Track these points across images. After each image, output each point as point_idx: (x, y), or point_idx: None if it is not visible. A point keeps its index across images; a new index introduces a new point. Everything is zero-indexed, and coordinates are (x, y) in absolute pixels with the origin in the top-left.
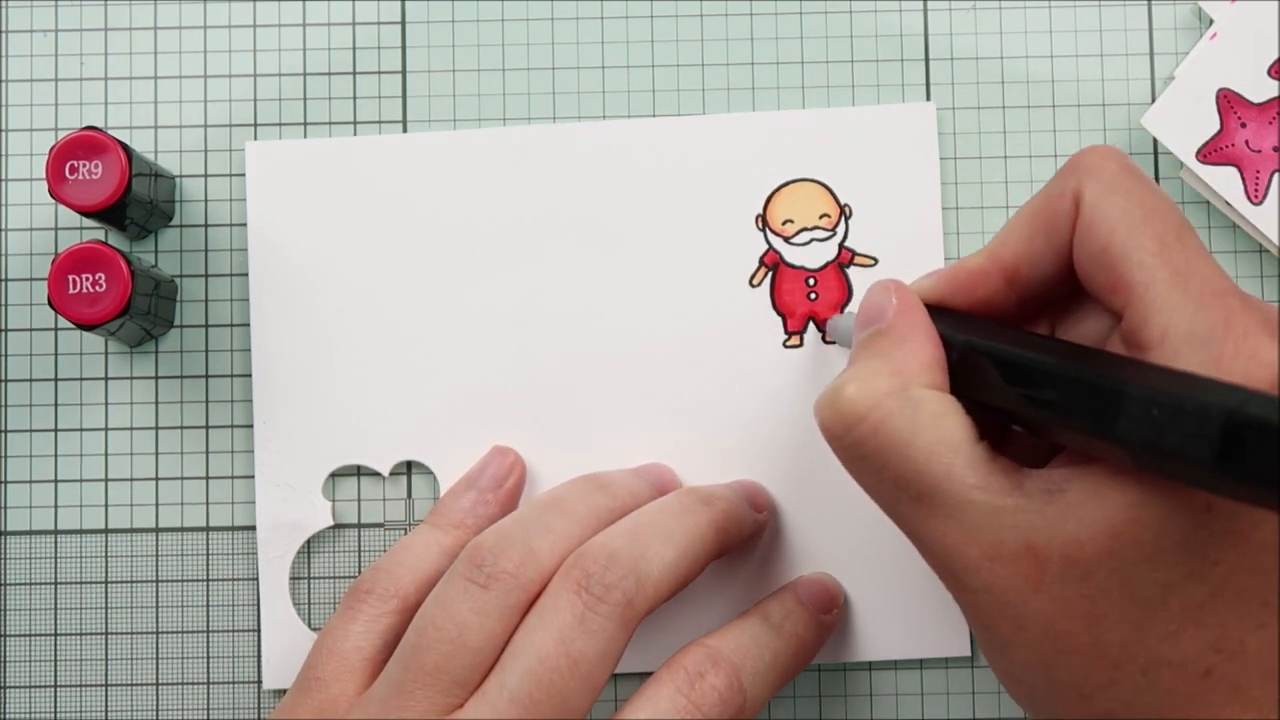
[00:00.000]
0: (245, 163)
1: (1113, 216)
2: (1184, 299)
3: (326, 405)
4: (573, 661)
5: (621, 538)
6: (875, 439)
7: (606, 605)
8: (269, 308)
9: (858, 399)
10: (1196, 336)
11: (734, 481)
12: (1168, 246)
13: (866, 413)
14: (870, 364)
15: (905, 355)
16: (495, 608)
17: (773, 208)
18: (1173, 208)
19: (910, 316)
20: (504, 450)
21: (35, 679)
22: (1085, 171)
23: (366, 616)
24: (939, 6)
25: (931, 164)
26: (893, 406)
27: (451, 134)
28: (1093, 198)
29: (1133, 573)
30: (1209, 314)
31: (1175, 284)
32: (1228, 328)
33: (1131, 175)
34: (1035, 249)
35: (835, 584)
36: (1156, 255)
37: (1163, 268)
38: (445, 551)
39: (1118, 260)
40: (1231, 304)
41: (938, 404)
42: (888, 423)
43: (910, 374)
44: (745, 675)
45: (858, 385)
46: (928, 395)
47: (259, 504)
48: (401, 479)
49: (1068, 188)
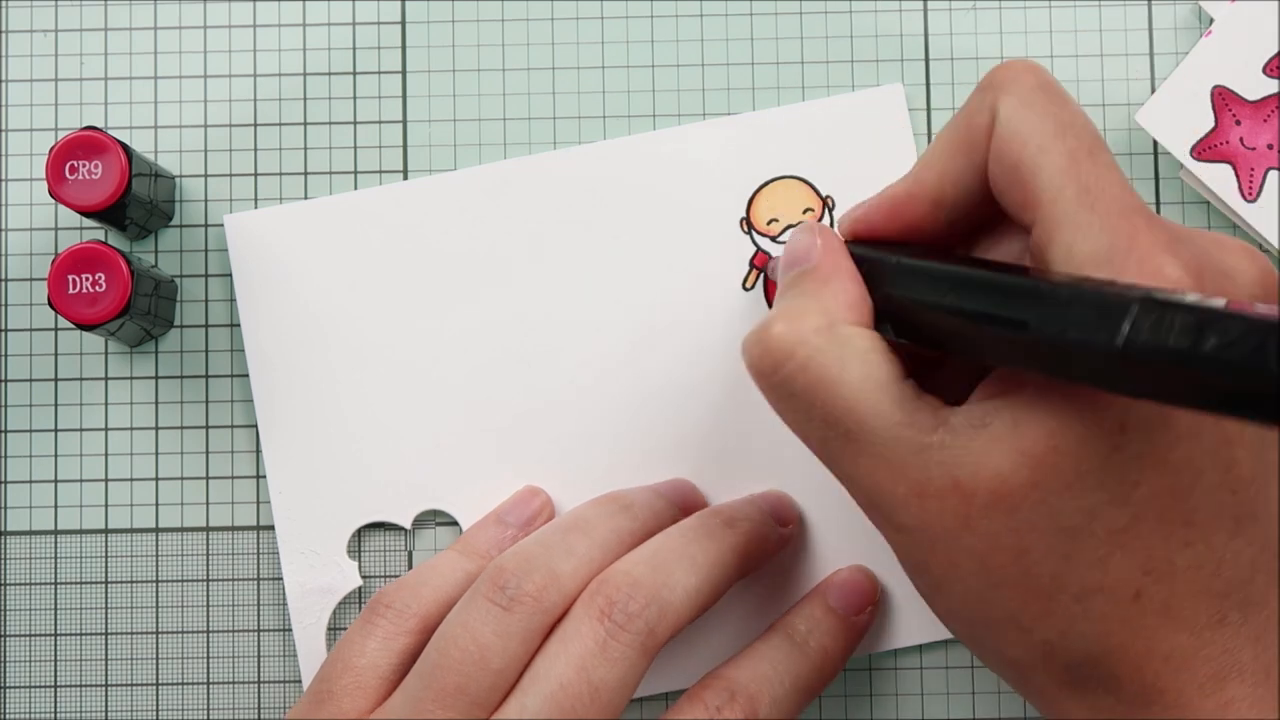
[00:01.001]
0: (225, 236)
1: (1024, 132)
2: (1090, 217)
3: (340, 464)
4: (593, 689)
5: (644, 564)
6: (804, 376)
7: (628, 634)
8: (269, 377)
9: (786, 336)
10: (1099, 254)
11: (759, 495)
12: (1078, 163)
13: (794, 349)
14: (797, 303)
15: (831, 294)
16: (517, 630)
17: (756, 209)
18: (1088, 124)
19: (834, 257)
20: (535, 490)
21: (35, 679)
22: (1000, 86)
23: (384, 633)
24: (939, 6)
25: (907, 145)
26: (820, 344)
27: (429, 179)
28: (1006, 113)
29: (1056, 502)
30: (1114, 232)
31: (1082, 201)
32: (1131, 246)
33: (1046, 90)
34: (957, 168)
35: (870, 580)
36: (1065, 172)
37: (1070, 184)
38: (470, 577)
39: (1028, 176)
40: (1137, 223)
41: (865, 341)
42: (815, 359)
43: (837, 312)
44: (763, 707)
45: (786, 323)
46: (855, 333)
47: (285, 573)
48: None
49: (984, 103)
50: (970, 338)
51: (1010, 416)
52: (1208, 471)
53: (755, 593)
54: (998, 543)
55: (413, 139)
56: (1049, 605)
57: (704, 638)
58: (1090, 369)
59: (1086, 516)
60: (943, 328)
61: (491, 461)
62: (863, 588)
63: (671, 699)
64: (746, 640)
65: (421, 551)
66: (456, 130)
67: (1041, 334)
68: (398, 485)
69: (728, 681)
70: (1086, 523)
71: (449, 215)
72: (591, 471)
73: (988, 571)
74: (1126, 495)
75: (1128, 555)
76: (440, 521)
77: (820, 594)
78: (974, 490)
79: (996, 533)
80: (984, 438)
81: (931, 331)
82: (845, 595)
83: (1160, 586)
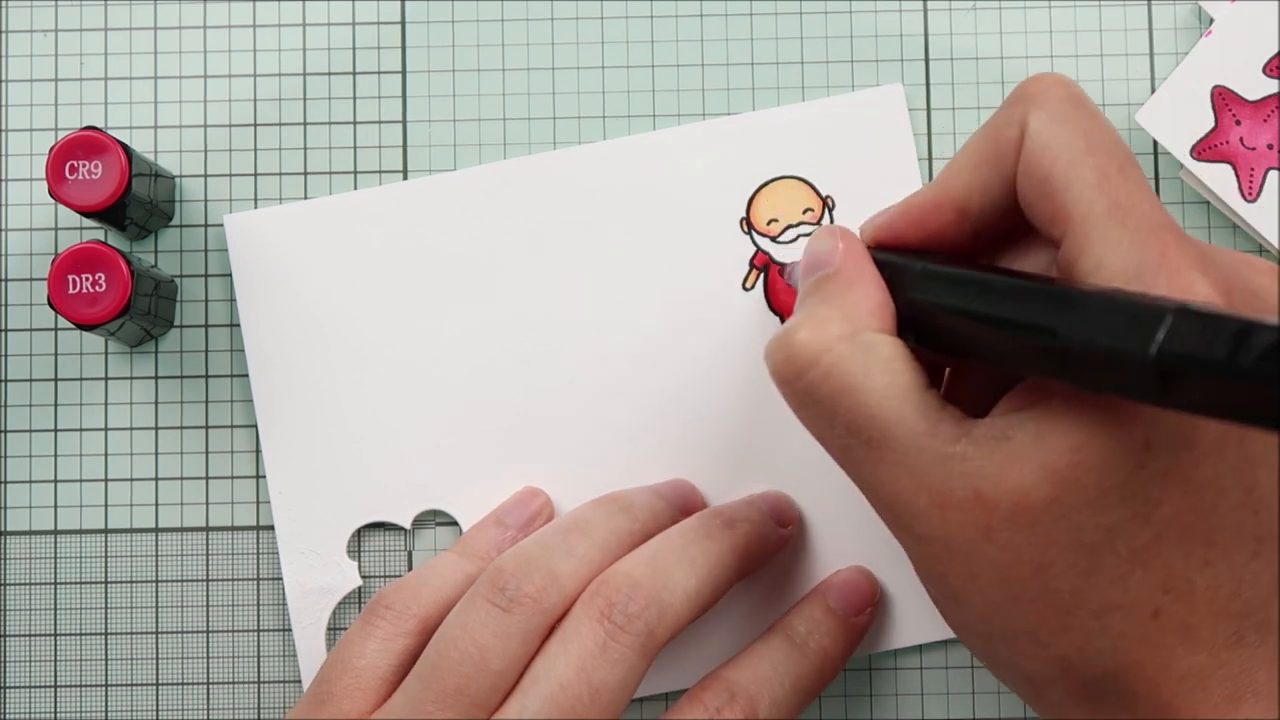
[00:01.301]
0: (225, 236)
1: (1055, 146)
2: (1120, 232)
3: (340, 464)
4: (594, 690)
5: (644, 565)
6: (827, 383)
7: (628, 635)
8: (269, 377)
9: (810, 343)
10: (1130, 270)
11: (759, 495)
12: (1108, 178)
13: (818, 356)
14: (821, 309)
15: (854, 300)
16: (517, 632)
17: (755, 209)
18: (1117, 139)
19: (857, 262)
20: (535, 491)
21: (35, 679)
22: (1030, 100)
23: (384, 634)
24: (939, 6)
25: (907, 145)
26: (845, 351)
27: (429, 179)
28: (1036, 127)
29: (1077, 517)
30: (1144, 248)
31: (1113, 216)
32: (1161, 263)
33: (1076, 104)
34: (984, 179)
35: (869, 581)
36: (1096, 187)
37: (1101, 199)
38: (469, 578)
39: (1058, 191)
40: (1168, 240)
41: (889, 349)
42: (839, 366)
43: (860, 319)
44: (763, 708)
45: (810, 330)
46: (879, 340)
47: (285, 573)
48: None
49: (1014, 116)
50: (997, 345)
51: (1034, 430)
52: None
53: (755, 593)
54: (1018, 556)
55: (413, 139)
56: (1067, 620)
57: (704, 638)
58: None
59: (1108, 533)
60: (968, 335)
61: (491, 462)
62: (862, 588)
63: (671, 699)
64: (746, 641)
65: (421, 551)
66: (456, 130)
67: (1071, 341)
68: (398, 485)
69: (727, 682)
70: (1107, 539)
71: (449, 215)
72: (591, 472)
73: (1007, 585)
74: (1149, 513)
75: (1148, 573)
76: (440, 521)
77: (820, 595)
78: (995, 502)
79: (1017, 546)
80: (1007, 450)
81: (956, 339)
82: (845, 596)
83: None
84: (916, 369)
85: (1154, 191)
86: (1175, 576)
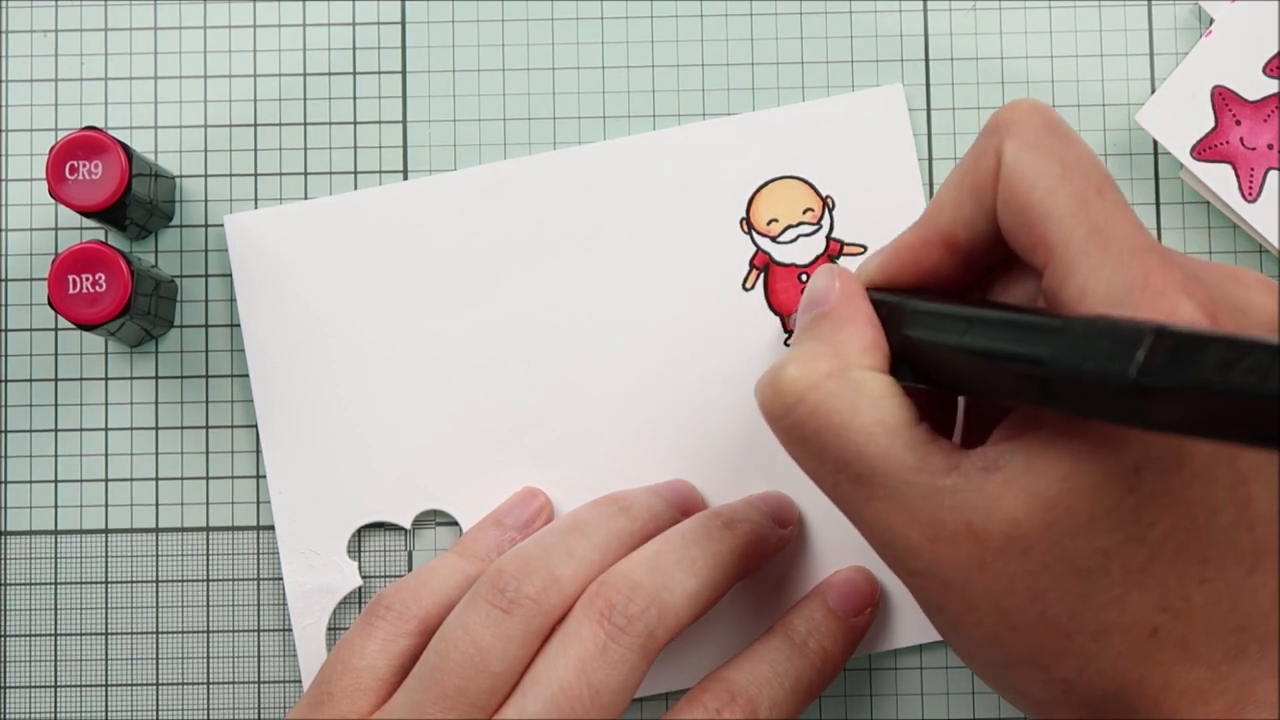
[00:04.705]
0: (225, 236)
1: (1031, 174)
2: (1102, 258)
3: (340, 464)
4: (594, 691)
5: (644, 567)
6: (814, 420)
7: (628, 636)
8: (269, 377)
9: (798, 379)
10: (1113, 295)
11: (759, 496)
12: (1086, 204)
13: (806, 393)
14: (811, 346)
15: (846, 338)
16: (517, 633)
17: (755, 209)
18: (1094, 162)
19: (852, 300)
20: (534, 492)
21: (35, 679)
22: (1005, 128)
23: (384, 635)
24: (939, 6)
25: (907, 145)
26: (832, 388)
27: (429, 179)
28: (1012, 155)
29: (1070, 544)
30: (1127, 273)
31: (1093, 242)
32: (1145, 286)
33: (1051, 130)
34: (967, 213)
35: (869, 580)
36: (1074, 214)
37: (1080, 226)
38: (469, 579)
39: (1037, 220)
40: (1150, 262)
41: (877, 386)
42: (827, 403)
43: (851, 356)
44: (763, 708)
45: (798, 366)
46: (867, 377)
47: (285, 573)
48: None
49: (990, 146)
50: (988, 377)
51: (1023, 459)
52: (1224, 509)
53: (755, 593)
54: (1013, 585)
55: (413, 139)
56: (1066, 644)
57: (704, 638)
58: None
59: (1102, 557)
60: (960, 368)
61: (491, 462)
62: (862, 589)
63: (671, 699)
64: (746, 641)
65: (421, 551)
66: (456, 130)
67: (1056, 368)
68: (398, 485)
69: (727, 683)
70: (1102, 563)
71: (449, 215)
72: (591, 472)
73: (1004, 614)
74: (1142, 535)
75: (1144, 593)
76: (440, 521)
77: (820, 595)
78: (988, 534)
79: (1012, 575)
80: (997, 480)
81: (949, 374)
82: (845, 596)
83: (1177, 623)
84: (906, 404)
85: (1134, 213)
86: (1172, 595)
